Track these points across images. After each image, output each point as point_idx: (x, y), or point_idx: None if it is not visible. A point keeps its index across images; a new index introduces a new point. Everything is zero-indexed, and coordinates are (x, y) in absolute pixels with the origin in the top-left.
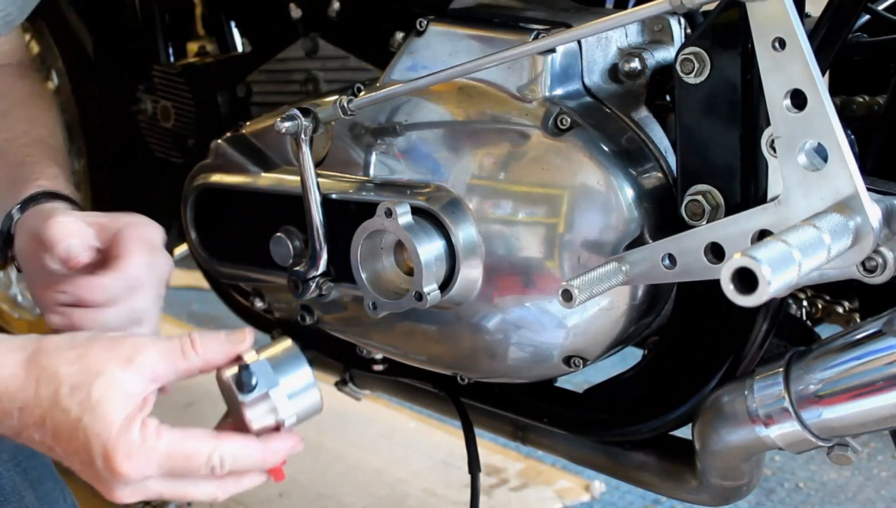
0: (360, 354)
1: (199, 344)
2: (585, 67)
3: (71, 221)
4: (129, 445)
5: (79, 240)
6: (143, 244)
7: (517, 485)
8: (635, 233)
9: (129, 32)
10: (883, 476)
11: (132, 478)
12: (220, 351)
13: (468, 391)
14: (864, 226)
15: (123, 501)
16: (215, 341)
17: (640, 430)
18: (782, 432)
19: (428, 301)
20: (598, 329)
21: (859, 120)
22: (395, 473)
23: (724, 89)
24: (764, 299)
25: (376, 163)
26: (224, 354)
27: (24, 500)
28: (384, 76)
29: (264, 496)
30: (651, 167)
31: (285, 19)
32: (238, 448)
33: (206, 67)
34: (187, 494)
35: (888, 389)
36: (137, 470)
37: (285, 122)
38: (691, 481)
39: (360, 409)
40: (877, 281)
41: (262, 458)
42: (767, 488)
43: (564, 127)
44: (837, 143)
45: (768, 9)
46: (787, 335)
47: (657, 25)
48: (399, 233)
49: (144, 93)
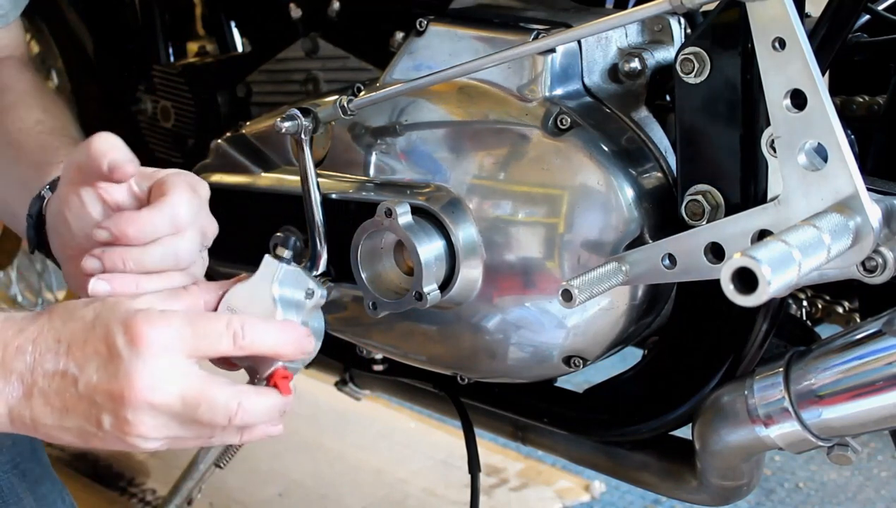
0: (360, 354)
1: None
2: (585, 67)
3: (109, 136)
4: (148, 314)
5: (123, 154)
6: (187, 187)
7: (517, 485)
8: (635, 233)
9: (129, 32)
10: (883, 476)
11: (154, 343)
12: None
13: (468, 391)
14: (864, 226)
15: (143, 394)
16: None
17: (640, 430)
18: (782, 432)
19: (428, 301)
20: (598, 329)
21: (859, 120)
22: (395, 473)
23: (724, 89)
24: (764, 299)
25: (376, 163)
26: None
27: (23, 502)
28: (384, 76)
29: (264, 496)
30: (651, 167)
31: (285, 19)
32: (255, 320)
33: (206, 67)
34: (205, 391)
35: (888, 389)
36: (159, 332)
37: (285, 122)
38: (691, 481)
39: (360, 409)
40: (877, 281)
41: (280, 334)
42: (767, 488)
43: (564, 127)
44: (837, 143)
45: (768, 9)
46: (787, 335)
47: (657, 25)
48: (399, 232)
49: (144, 93)
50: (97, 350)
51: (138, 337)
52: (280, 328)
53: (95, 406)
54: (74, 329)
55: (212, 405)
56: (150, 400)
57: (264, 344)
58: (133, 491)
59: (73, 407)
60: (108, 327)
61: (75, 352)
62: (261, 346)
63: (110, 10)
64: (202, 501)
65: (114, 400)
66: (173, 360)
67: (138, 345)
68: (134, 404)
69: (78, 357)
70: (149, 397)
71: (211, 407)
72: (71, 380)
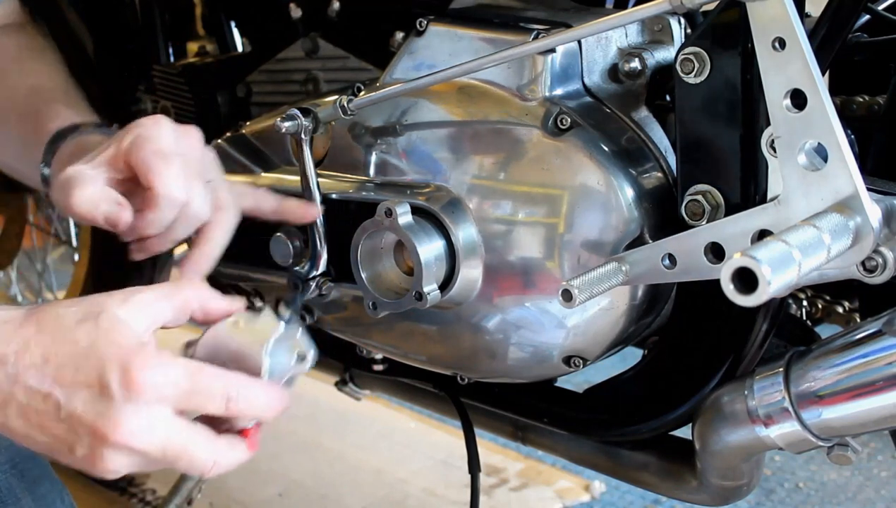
0: (360, 354)
1: (194, 287)
2: (585, 67)
3: (88, 191)
4: (147, 357)
5: (107, 204)
6: (157, 160)
7: (517, 485)
8: (635, 233)
9: (129, 32)
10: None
11: (149, 390)
12: (214, 298)
13: (468, 391)
14: (864, 225)
15: (126, 438)
16: (209, 291)
17: (640, 430)
18: (782, 432)
19: (428, 301)
20: (598, 329)
21: (859, 120)
22: (395, 473)
23: (724, 89)
24: (764, 299)
25: (376, 163)
26: (219, 304)
27: (21, 502)
28: (384, 76)
29: (264, 496)
30: (651, 167)
31: (285, 19)
32: (249, 384)
33: (206, 67)
34: (188, 447)
35: (888, 389)
36: (156, 381)
37: (285, 122)
38: (691, 481)
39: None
40: (877, 281)
41: (268, 401)
42: (767, 488)
43: (564, 127)
44: (837, 143)
45: (768, 9)
46: (787, 335)
47: (657, 25)
48: (399, 232)
49: (144, 93)
50: (88, 382)
51: (134, 382)
52: (270, 395)
53: (74, 434)
54: (65, 352)
55: (191, 460)
56: (131, 445)
57: (252, 410)
58: (133, 491)
59: (50, 428)
60: (104, 362)
61: (64, 378)
62: (248, 412)
63: (110, 10)
64: (202, 501)
65: (95, 436)
66: (164, 411)
67: (133, 391)
68: (115, 446)
69: (66, 384)
70: (131, 442)
71: (190, 461)
72: (53, 404)
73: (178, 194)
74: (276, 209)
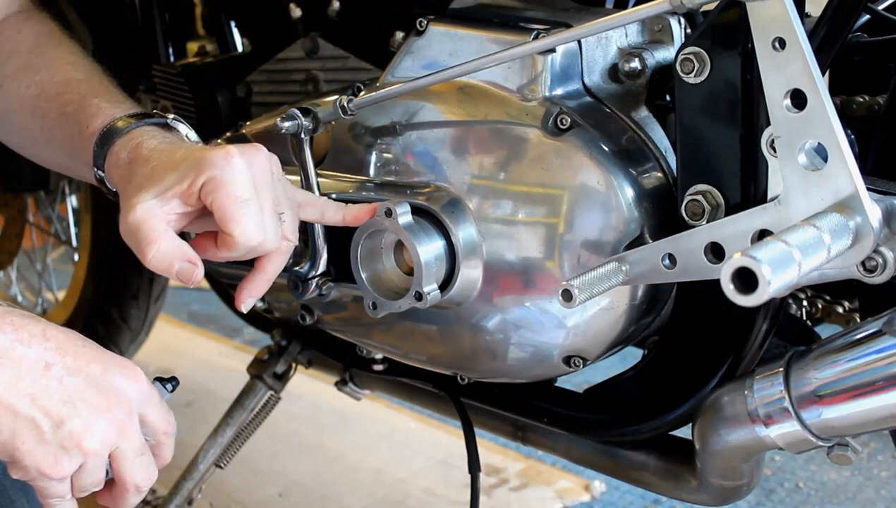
0: (360, 354)
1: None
2: (585, 67)
3: (162, 249)
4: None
5: (180, 263)
6: (235, 208)
7: (517, 485)
8: (635, 233)
9: (129, 32)
10: (883, 476)
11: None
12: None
13: (468, 391)
14: (864, 225)
15: (92, 449)
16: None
17: (640, 430)
18: (782, 432)
19: (428, 301)
20: (598, 329)
21: (859, 120)
22: (395, 473)
23: (724, 89)
24: (764, 299)
25: (376, 163)
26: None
27: (15, 504)
28: (384, 76)
29: (264, 496)
30: (651, 167)
31: (285, 19)
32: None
33: (206, 67)
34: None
35: (888, 389)
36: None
37: (285, 122)
38: (691, 481)
39: (360, 409)
40: (877, 281)
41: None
42: (767, 488)
43: (564, 127)
44: (837, 143)
45: (768, 9)
46: (787, 335)
47: (657, 25)
48: (399, 232)
49: (144, 93)
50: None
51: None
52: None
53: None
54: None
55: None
56: (86, 450)
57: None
58: None
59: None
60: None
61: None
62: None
63: (110, 10)
64: (202, 501)
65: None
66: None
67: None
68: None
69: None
70: (88, 447)
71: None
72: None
73: (254, 239)
74: (343, 218)
